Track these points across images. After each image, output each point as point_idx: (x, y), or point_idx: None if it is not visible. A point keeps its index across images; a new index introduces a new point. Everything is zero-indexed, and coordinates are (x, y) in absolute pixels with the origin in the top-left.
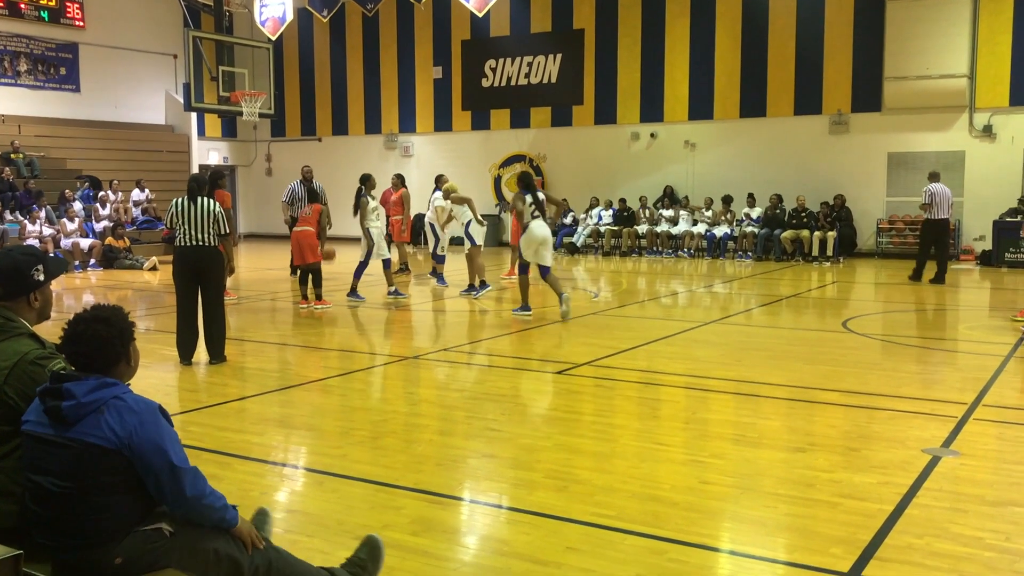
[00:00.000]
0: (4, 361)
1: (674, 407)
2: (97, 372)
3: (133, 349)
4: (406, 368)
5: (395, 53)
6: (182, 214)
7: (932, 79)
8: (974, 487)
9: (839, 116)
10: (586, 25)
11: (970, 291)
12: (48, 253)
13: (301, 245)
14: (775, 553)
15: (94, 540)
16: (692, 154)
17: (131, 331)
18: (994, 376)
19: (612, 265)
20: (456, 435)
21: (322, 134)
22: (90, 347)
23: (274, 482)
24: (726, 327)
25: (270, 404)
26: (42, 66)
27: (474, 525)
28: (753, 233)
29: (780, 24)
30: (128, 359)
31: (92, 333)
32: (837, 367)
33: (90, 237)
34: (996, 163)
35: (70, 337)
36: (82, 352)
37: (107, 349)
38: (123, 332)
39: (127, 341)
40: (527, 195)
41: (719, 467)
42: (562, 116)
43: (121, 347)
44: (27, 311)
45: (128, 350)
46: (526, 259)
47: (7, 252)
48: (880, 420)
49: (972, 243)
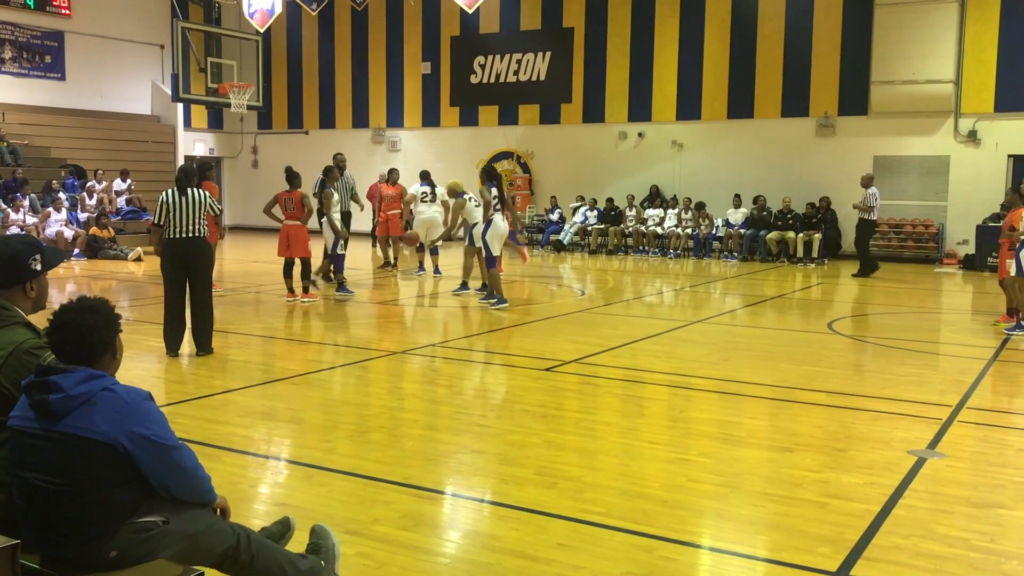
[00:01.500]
0: (0, 349)
1: (660, 405)
2: (82, 363)
3: (118, 342)
4: (394, 363)
5: (384, 47)
6: (172, 207)
7: (918, 84)
8: (959, 488)
9: (826, 119)
10: (576, 23)
11: (953, 295)
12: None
13: (290, 238)
14: (763, 552)
15: (87, 535)
16: (679, 154)
17: (117, 323)
18: (977, 379)
19: (598, 263)
20: (444, 430)
21: (309, 127)
22: (75, 337)
23: (262, 475)
24: (712, 327)
25: (257, 397)
26: (27, 54)
27: (463, 520)
28: (739, 234)
29: (769, 27)
30: (113, 352)
31: (78, 323)
32: (822, 368)
33: (74, 227)
34: (980, 168)
35: (55, 327)
36: (67, 342)
37: (93, 339)
38: (109, 323)
39: (113, 333)
40: (493, 188)
41: (706, 465)
42: (550, 114)
43: (107, 338)
44: (23, 300)
45: (114, 342)
46: (494, 253)
47: (5, 240)
48: (865, 421)
49: (955, 247)
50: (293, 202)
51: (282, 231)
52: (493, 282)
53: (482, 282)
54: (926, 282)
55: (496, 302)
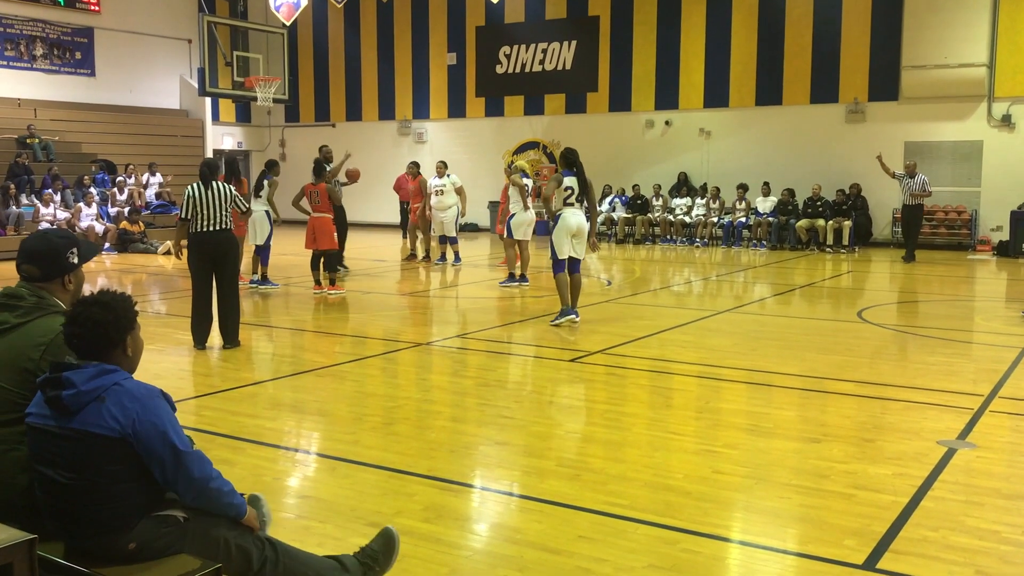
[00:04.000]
0: (42, 336)
1: (687, 396)
2: (93, 358)
3: (133, 339)
4: (419, 354)
5: (409, 39)
6: (197, 200)
7: (950, 68)
8: (990, 480)
9: (856, 105)
10: (601, 12)
11: (987, 282)
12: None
13: (316, 231)
14: (788, 544)
15: (106, 527)
16: (707, 142)
17: (131, 320)
18: (1011, 368)
19: (626, 253)
20: (469, 422)
21: (336, 120)
22: (84, 330)
23: (286, 467)
24: (740, 316)
25: (283, 389)
26: (57, 50)
27: (486, 512)
28: (768, 222)
29: (797, 12)
30: (125, 348)
31: (88, 316)
32: (852, 357)
33: (104, 221)
34: (1014, 153)
35: (69, 319)
36: (77, 335)
37: (101, 334)
38: (120, 319)
39: (124, 329)
40: (567, 176)
41: (732, 457)
42: (576, 103)
43: (116, 334)
44: (61, 293)
45: (125, 339)
46: (560, 256)
47: (44, 234)
48: (895, 411)
49: (989, 233)
50: (319, 195)
51: (309, 224)
52: (559, 289)
53: (519, 273)
54: (959, 269)
55: (559, 315)
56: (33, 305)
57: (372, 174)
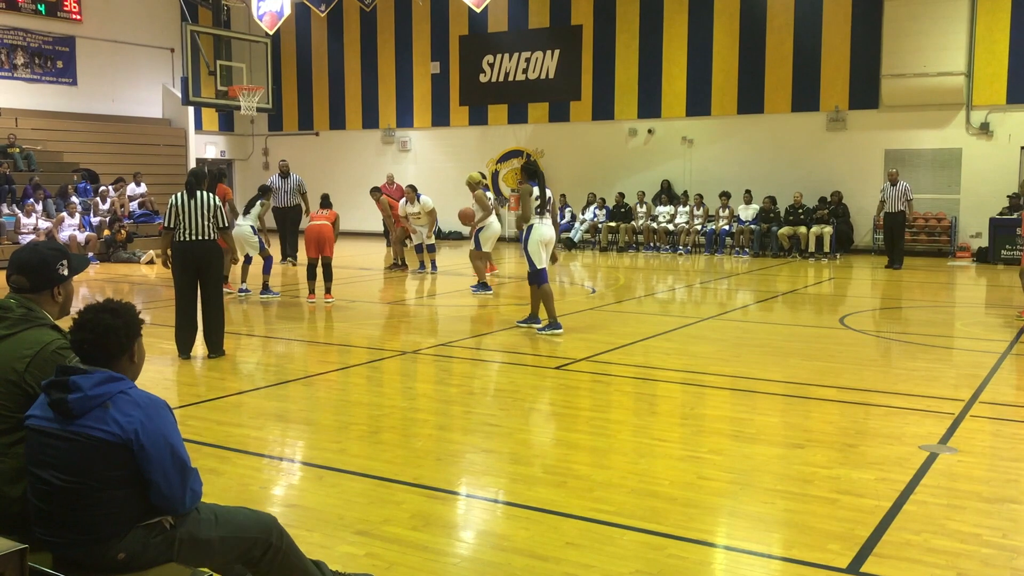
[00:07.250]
0: (27, 349)
1: (671, 403)
2: (99, 364)
3: (138, 346)
4: (404, 363)
5: (393, 48)
6: (182, 209)
7: (929, 76)
8: (971, 484)
9: (836, 113)
10: (584, 21)
11: (967, 288)
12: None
13: (319, 238)
14: (773, 549)
15: (97, 535)
16: (689, 150)
17: (138, 327)
18: (990, 373)
19: (609, 261)
20: (455, 430)
21: (319, 128)
22: (94, 335)
23: (273, 476)
24: (723, 323)
25: (269, 398)
26: (39, 59)
27: (473, 520)
28: (750, 229)
29: (778, 21)
30: (132, 355)
31: (96, 322)
32: (834, 363)
33: (87, 231)
34: (993, 161)
35: (77, 324)
36: (86, 340)
37: (109, 340)
38: (128, 325)
39: (132, 335)
40: (535, 186)
41: (717, 463)
42: (560, 112)
43: (125, 339)
44: (50, 304)
45: (132, 345)
46: (539, 265)
47: (34, 246)
48: (877, 416)
49: (968, 240)
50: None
51: (310, 231)
52: (544, 301)
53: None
54: (939, 276)
55: (547, 326)
56: (20, 317)
57: (355, 183)
